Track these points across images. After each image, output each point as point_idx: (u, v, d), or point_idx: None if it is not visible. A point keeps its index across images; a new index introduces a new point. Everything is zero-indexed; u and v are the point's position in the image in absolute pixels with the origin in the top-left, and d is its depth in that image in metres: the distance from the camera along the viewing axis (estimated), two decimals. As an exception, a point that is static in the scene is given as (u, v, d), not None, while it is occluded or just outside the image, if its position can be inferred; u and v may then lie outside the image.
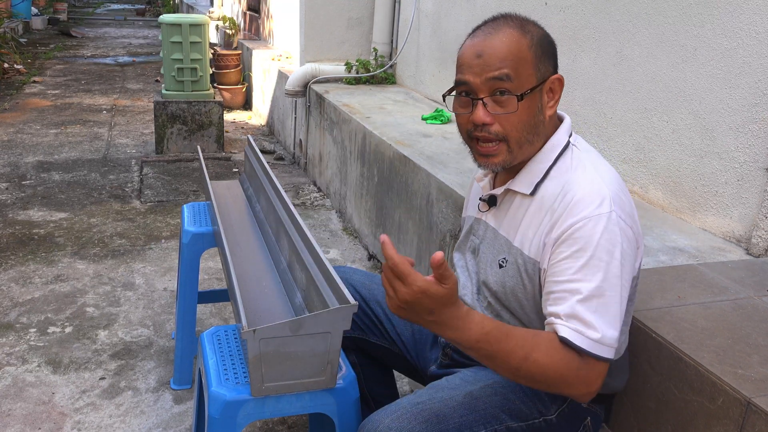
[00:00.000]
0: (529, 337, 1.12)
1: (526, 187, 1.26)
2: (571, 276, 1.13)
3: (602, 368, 1.12)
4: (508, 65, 1.19)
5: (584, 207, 1.15)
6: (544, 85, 1.23)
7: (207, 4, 10.76)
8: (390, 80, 4.42)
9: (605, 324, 1.11)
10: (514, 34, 1.21)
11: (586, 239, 1.13)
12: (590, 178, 1.20)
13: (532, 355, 1.10)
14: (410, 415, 1.16)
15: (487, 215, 1.35)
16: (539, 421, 1.26)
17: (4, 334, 2.48)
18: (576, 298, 1.12)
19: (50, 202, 3.82)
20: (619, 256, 1.13)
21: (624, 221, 1.16)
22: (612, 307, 1.12)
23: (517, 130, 1.21)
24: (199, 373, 1.47)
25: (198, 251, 2.11)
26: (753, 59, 1.88)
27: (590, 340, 1.10)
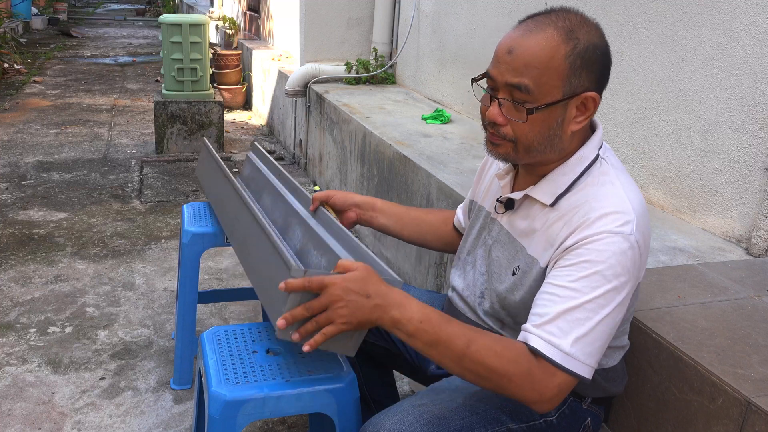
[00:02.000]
0: (475, 329, 1.10)
1: (548, 197, 1.20)
2: (567, 283, 1.09)
3: (563, 380, 1.07)
4: (531, 74, 1.10)
5: (606, 223, 1.10)
6: (572, 100, 1.13)
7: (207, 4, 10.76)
8: (390, 80, 4.42)
9: (583, 339, 1.07)
10: (554, 38, 1.10)
11: (597, 253, 1.08)
12: (617, 196, 1.13)
13: (477, 342, 1.07)
14: (411, 418, 1.16)
15: (503, 217, 1.31)
16: (540, 422, 1.26)
17: (4, 334, 2.48)
18: (564, 305, 1.08)
19: (50, 202, 3.82)
20: (624, 280, 1.09)
21: (639, 249, 1.11)
22: (599, 326, 1.08)
23: (527, 139, 1.15)
24: (199, 373, 1.47)
25: (198, 251, 2.11)
26: (753, 59, 1.88)
27: (557, 349, 1.06)
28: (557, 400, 1.09)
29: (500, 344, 1.09)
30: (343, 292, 1.10)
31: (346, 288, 1.10)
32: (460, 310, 1.40)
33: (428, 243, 1.65)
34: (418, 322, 1.09)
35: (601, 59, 1.14)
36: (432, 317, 1.10)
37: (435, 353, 1.10)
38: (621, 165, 1.22)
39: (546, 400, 1.07)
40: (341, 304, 1.10)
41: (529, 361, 1.07)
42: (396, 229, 1.63)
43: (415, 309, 1.10)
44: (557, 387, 1.07)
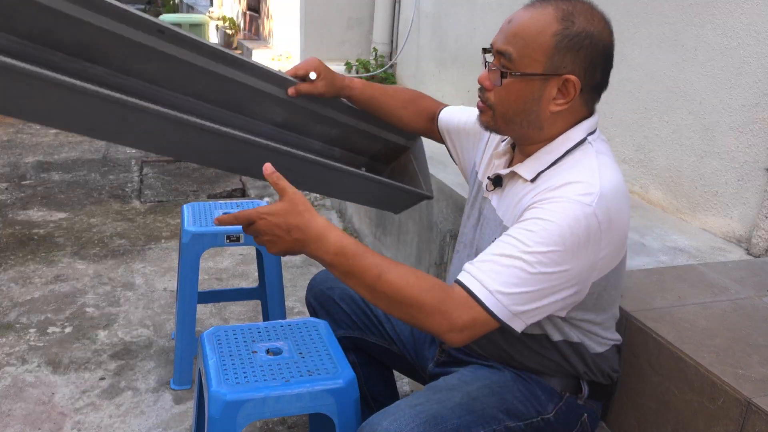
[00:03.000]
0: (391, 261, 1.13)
1: (530, 173, 1.23)
2: (514, 233, 1.11)
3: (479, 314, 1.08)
4: (517, 43, 1.16)
5: (567, 190, 1.12)
6: (553, 79, 1.16)
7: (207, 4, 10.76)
8: (390, 80, 4.42)
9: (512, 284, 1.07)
10: (549, 16, 1.14)
11: (549, 212, 1.10)
12: (588, 171, 1.15)
13: (390, 272, 1.10)
14: (408, 417, 1.16)
15: (492, 195, 1.34)
16: (537, 420, 1.26)
17: (4, 334, 2.48)
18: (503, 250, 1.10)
19: (50, 202, 3.82)
20: (571, 245, 1.09)
21: (598, 222, 1.10)
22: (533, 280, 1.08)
23: (503, 106, 1.20)
24: (199, 373, 1.47)
25: (198, 251, 2.11)
26: (753, 59, 1.88)
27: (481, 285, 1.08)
28: (469, 334, 1.09)
29: (415, 275, 1.12)
30: (267, 227, 1.14)
31: (268, 223, 1.13)
32: None
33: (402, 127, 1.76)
34: (333, 254, 1.13)
35: (591, 48, 1.16)
36: (347, 250, 1.13)
37: (351, 283, 1.14)
38: (609, 153, 1.23)
39: (457, 329, 1.09)
40: (266, 238, 1.15)
41: (444, 292, 1.10)
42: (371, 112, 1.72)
43: (331, 242, 1.13)
44: (471, 319, 1.08)
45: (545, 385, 1.29)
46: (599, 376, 1.32)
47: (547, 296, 1.11)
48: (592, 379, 1.32)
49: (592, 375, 1.31)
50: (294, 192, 1.15)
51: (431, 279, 1.13)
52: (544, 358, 1.28)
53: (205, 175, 4.42)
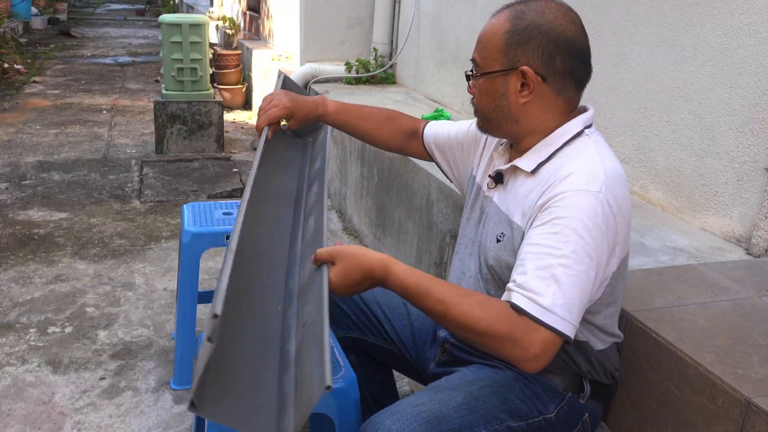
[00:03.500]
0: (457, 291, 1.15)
1: (529, 165, 1.27)
2: (541, 240, 1.13)
3: (547, 336, 1.08)
4: (478, 50, 1.29)
5: (574, 181, 1.16)
6: (511, 72, 1.24)
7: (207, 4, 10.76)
8: (390, 80, 4.42)
9: (561, 294, 1.09)
10: (501, 19, 1.26)
11: (566, 209, 1.13)
12: (590, 160, 1.20)
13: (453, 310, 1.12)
14: (410, 417, 1.16)
15: (494, 192, 1.36)
16: (539, 419, 1.26)
17: (4, 334, 2.48)
18: (540, 261, 1.11)
19: (50, 202, 3.82)
20: (595, 235, 1.12)
21: (610, 207, 1.15)
22: (576, 281, 1.10)
23: (481, 107, 1.31)
24: (199, 373, 1.47)
25: (198, 251, 2.11)
26: (753, 59, 1.88)
27: (537, 305, 1.08)
28: (544, 359, 1.09)
29: (480, 307, 1.12)
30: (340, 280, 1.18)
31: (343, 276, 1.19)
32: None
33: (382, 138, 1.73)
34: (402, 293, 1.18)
35: (540, 38, 1.22)
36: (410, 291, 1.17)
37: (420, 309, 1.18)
38: (607, 146, 1.27)
39: (531, 357, 1.08)
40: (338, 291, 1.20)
41: (511, 319, 1.09)
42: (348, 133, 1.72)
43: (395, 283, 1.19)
44: (542, 343, 1.08)
45: (547, 384, 1.29)
46: (602, 375, 1.32)
47: (587, 292, 1.13)
48: (595, 378, 1.32)
49: (595, 374, 1.31)
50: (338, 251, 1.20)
51: (495, 307, 1.12)
52: None
53: (205, 175, 4.42)
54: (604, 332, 1.29)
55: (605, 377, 1.32)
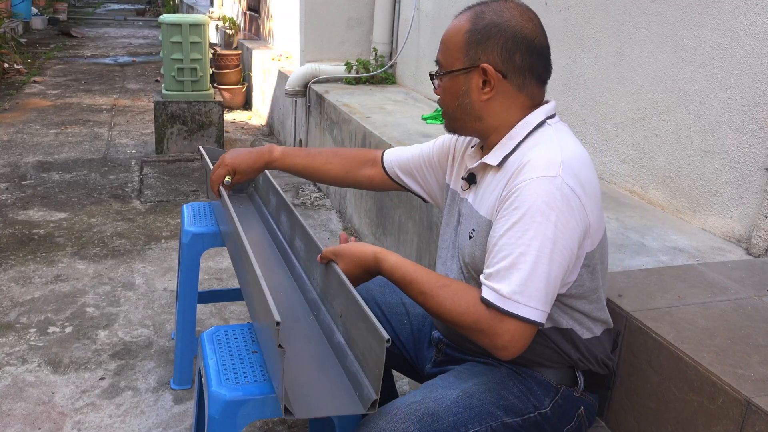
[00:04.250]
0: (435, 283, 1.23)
1: (495, 159, 1.29)
2: (504, 231, 1.17)
3: (513, 326, 1.13)
4: (441, 50, 1.32)
5: (531, 168, 1.18)
6: (472, 71, 1.27)
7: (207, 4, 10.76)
8: (390, 80, 4.42)
9: (523, 281, 1.13)
10: (461, 20, 1.29)
11: (523, 198, 1.16)
12: (549, 147, 1.22)
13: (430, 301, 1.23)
14: (404, 415, 1.17)
15: (468, 194, 1.37)
16: (534, 415, 1.26)
17: (4, 334, 2.48)
18: (502, 252, 1.15)
19: (50, 202, 3.82)
20: (554, 219, 1.14)
21: (571, 189, 1.16)
22: (537, 266, 1.13)
23: (445, 106, 1.35)
24: (199, 373, 1.47)
25: (198, 251, 2.11)
26: (753, 59, 1.89)
27: (499, 295, 1.13)
28: (515, 346, 1.15)
29: (452, 298, 1.20)
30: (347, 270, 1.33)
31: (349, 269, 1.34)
32: None
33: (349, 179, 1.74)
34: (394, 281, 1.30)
35: (499, 36, 1.25)
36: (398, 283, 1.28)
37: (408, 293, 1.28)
38: (570, 133, 1.30)
39: (500, 346, 1.15)
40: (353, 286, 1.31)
41: (478, 311, 1.16)
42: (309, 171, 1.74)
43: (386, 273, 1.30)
44: (508, 332, 1.14)
45: (541, 380, 1.29)
46: (594, 364, 1.32)
47: (555, 276, 1.16)
48: (588, 367, 1.32)
49: (587, 363, 1.31)
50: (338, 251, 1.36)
51: (466, 299, 1.19)
52: (536, 348, 1.28)
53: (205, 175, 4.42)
54: (589, 318, 1.30)
55: (598, 366, 1.33)
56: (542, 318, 1.15)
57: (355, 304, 1.24)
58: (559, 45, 2.71)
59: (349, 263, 1.33)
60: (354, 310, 1.24)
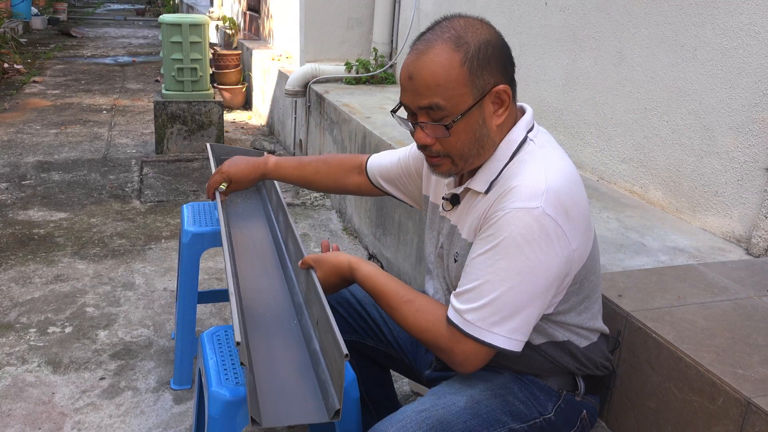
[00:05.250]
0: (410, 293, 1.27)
1: (482, 185, 1.24)
2: (477, 255, 1.17)
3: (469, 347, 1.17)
4: (437, 92, 1.15)
5: (513, 197, 1.15)
6: (484, 99, 1.18)
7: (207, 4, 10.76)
8: (390, 80, 4.42)
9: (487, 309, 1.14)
10: (444, 52, 1.14)
11: (500, 226, 1.14)
12: (534, 171, 1.17)
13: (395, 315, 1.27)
14: (415, 424, 1.16)
15: (451, 214, 1.34)
16: (539, 420, 1.26)
17: (4, 334, 2.48)
18: (471, 276, 1.17)
19: (50, 202, 3.82)
20: (527, 252, 1.12)
21: (553, 220, 1.12)
22: (504, 296, 1.13)
23: (458, 149, 1.20)
24: (199, 373, 1.47)
25: (198, 251, 2.11)
26: (753, 59, 1.89)
27: (461, 317, 1.16)
28: (470, 365, 1.19)
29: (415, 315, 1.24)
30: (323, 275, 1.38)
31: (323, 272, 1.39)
32: None
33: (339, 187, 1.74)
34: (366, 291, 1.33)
35: (496, 52, 1.18)
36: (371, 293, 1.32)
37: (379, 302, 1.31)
38: (550, 140, 1.26)
39: (457, 363, 1.20)
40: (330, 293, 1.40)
41: (438, 329, 1.21)
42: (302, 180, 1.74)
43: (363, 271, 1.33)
44: (463, 353, 1.18)
45: (542, 385, 1.29)
46: (593, 369, 1.32)
47: (524, 305, 1.15)
48: (587, 373, 1.32)
49: (585, 369, 1.31)
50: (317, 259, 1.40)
51: (428, 317, 1.23)
52: (533, 362, 1.29)
53: (205, 175, 4.42)
54: (582, 328, 1.29)
55: (597, 370, 1.33)
56: (504, 344, 1.15)
57: (324, 313, 1.26)
58: (559, 45, 2.71)
59: (326, 271, 1.37)
60: (324, 319, 1.27)
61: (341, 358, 1.14)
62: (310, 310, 1.45)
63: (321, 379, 1.30)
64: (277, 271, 1.73)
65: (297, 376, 1.33)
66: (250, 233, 1.93)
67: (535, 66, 2.85)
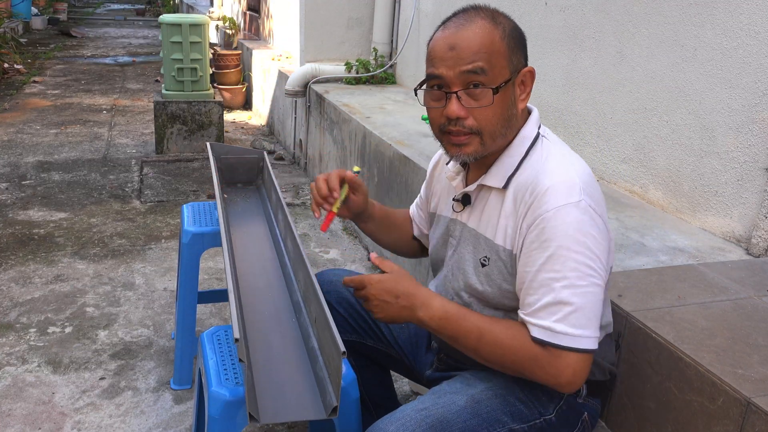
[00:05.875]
0: (488, 321, 1.19)
1: (499, 181, 1.25)
2: (540, 265, 1.14)
3: (572, 359, 1.13)
4: (482, 58, 1.17)
5: (553, 196, 1.15)
6: (517, 77, 1.22)
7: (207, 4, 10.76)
8: (390, 80, 4.42)
9: (573, 314, 1.12)
10: (486, 26, 1.18)
11: (553, 228, 1.14)
12: (561, 167, 1.20)
13: (485, 337, 1.17)
14: (415, 422, 1.16)
15: (462, 215, 1.34)
16: (540, 421, 1.26)
17: (4, 334, 2.48)
18: (542, 290, 1.14)
19: (50, 202, 3.82)
20: (589, 244, 1.13)
21: (594, 210, 1.16)
22: (583, 295, 1.13)
23: (492, 124, 1.20)
24: (199, 373, 1.47)
25: (198, 251, 2.11)
26: (753, 59, 1.89)
27: (553, 332, 1.13)
28: (578, 379, 1.14)
29: (507, 338, 1.17)
30: (377, 293, 1.22)
31: (378, 289, 1.22)
32: None
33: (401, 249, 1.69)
34: (438, 319, 1.20)
35: (522, 37, 1.24)
36: (450, 314, 1.20)
37: (456, 345, 1.22)
38: (559, 139, 1.30)
39: (564, 382, 1.14)
40: (374, 302, 1.23)
41: (531, 349, 1.15)
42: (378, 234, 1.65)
43: (436, 307, 1.21)
44: (569, 367, 1.13)
45: (544, 386, 1.29)
46: (597, 373, 1.32)
47: (599, 299, 1.16)
48: (590, 378, 1.31)
49: (590, 375, 1.31)
50: (399, 267, 1.26)
51: (521, 336, 1.16)
52: None
53: (205, 175, 4.42)
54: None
55: (600, 375, 1.32)
56: (595, 344, 1.15)
57: (322, 311, 1.27)
58: (559, 45, 2.71)
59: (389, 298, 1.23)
60: (322, 317, 1.28)
61: (339, 355, 1.15)
62: (309, 308, 1.45)
63: (319, 377, 1.30)
64: (276, 270, 1.74)
65: (295, 374, 1.33)
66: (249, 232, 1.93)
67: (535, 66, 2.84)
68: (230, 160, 2.25)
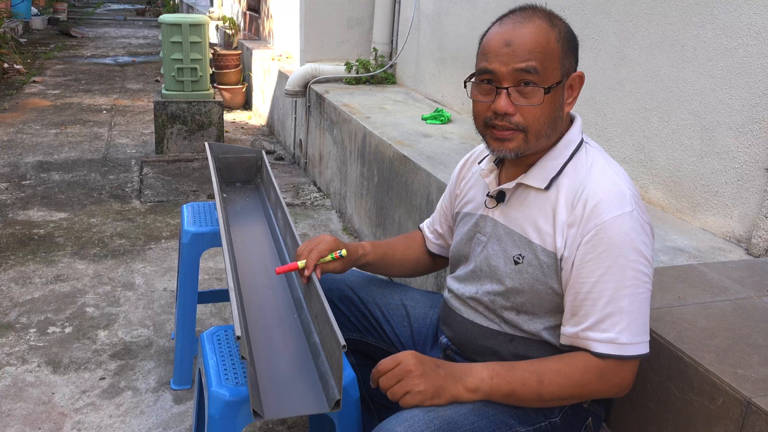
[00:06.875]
0: (536, 362, 1.20)
1: (541, 182, 1.25)
2: (598, 277, 1.16)
3: (632, 365, 1.18)
4: (536, 57, 1.18)
5: (607, 207, 1.17)
6: (567, 80, 1.23)
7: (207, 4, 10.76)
8: (390, 80, 4.42)
9: (634, 323, 1.15)
10: (543, 26, 1.20)
11: (610, 239, 1.15)
12: (609, 177, 1.21)
13: (545, 375, 1.18)
14: (423, 423, 1.16)
15: (494, 211, 1.33)
16: (545, 424, 1.26)
17: (4, 334, 2.48)
18: (604, 300, 1.15)
19: (50, 202, 3.82)
20: (645, 253, 1.16)
21: (643, 219, 1.19)
22: (641, 302, 1.16)
23: (539, 123, 1.20)
24: (199, 373, 1.47)
25: (198, 251, 2.11)
26: (753, 59, 1.89)
27: (616, 344, 1.15)
28: (633, 381, 1.20)
29: (566, 366, 1.18)
30: (416, 363, 1.18)
31: (417, 360, 1.18)
32: (455, 309, 1.41)
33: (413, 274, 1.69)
34: (490, 379, 1.19)
35: (575, 41, 1.25)
36: (497, 371, 1.20)
37: (515, 400, 1.20)
38: (602, 149, 1.31)
39: (626, 388, 1.20)
40: (417, 373, 1.17)
41: (596, 365, 1.17)
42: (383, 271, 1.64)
43: (480, 369, 1.20)
44: (630, 373, 1.19)
45: None
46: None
47: (648, 303, 1.19)
48: None
49: None
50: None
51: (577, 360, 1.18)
52: None
53: (205, 175, 4.42)
54: None
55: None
56: (648, 347, 1.19)
57: (323, 308, 1.28)
58: (559, 45, 2.71)
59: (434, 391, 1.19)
60: (322, 313, 1.28)
61: (339, 349, 1.16)
62: (309, 304, 1.46)
63: (321, 371, 1.31)
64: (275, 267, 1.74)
65: (297, 369, 1.34)
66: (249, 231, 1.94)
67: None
68: (229, 160, 2.25)
